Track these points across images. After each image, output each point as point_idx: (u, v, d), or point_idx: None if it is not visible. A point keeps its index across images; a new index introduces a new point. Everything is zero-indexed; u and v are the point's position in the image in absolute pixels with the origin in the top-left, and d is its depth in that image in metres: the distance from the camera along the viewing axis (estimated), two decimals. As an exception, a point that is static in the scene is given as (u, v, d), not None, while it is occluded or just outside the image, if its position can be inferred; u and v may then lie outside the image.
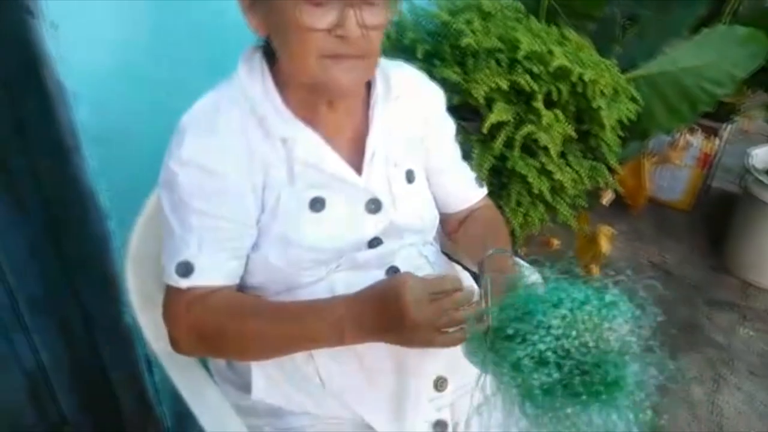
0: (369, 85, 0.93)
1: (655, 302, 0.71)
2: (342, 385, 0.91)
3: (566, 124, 1.27)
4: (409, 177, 0.97)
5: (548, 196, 1.32)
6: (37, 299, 1.17)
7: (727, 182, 2.82)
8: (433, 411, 0.92)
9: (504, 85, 1.26)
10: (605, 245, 2.01)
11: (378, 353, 0.89)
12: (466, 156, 1.13)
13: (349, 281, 0.90)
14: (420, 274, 0.89)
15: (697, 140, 2.42)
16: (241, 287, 0.93)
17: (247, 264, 0.91)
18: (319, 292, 0.89)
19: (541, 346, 0.66)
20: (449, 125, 1.06)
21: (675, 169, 2.51)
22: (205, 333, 0.87)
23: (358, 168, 0.91)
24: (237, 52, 0.92)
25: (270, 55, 0.88)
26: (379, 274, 0.93)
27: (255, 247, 0.89)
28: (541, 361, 0.66)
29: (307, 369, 0.91)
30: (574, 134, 1.29)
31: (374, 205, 0.92)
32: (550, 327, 0.66)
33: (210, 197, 0.85)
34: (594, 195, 1.54)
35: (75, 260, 1.17)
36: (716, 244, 2.44)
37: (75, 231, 1.13)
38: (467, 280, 1.04)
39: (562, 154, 1.32)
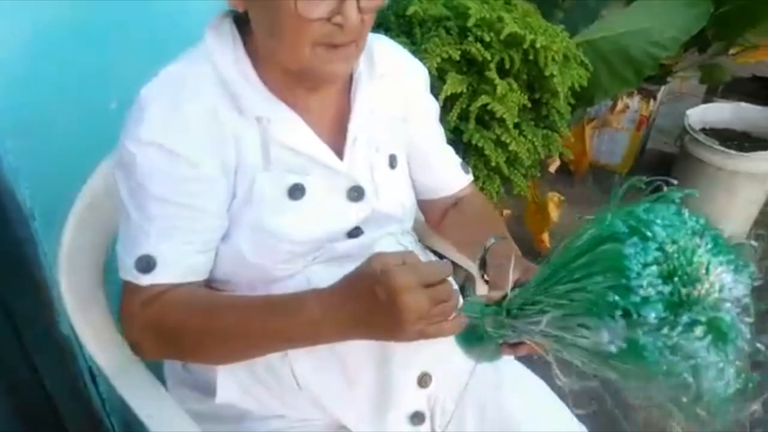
0: None
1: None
2: (319, 386, 0.85)
3: (520, 93, 1.24)
4: (392, 162, 0.91)
5: (504, 168, 1.29)
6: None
7: (662, 143, 2.89)
8: (411, 406, 0.88)
9: (455, 55, 1.20)
10: (554, 212, 2.02)
11: (360, 350, 0.83)
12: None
13: (328, 275, 0.80)
14: None
15: (635, 103, 2.46)
16: (208, 281, 0.84)
17: (215, 255, 0.82)
18: (294, 286, 0.82)
19: (649, 257, 0.53)
20: (433, 105, 0.99)
21: (614, 133, 2.55)
22: (162, 332, 0.78)
23: (339, 152, 0.84)
24: (166, 36, 0.83)
25: (241, 23, 0.79)
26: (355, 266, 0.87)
27: (225, 237, 0.81)
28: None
29: (282, 369, 0.84)
30: (528, 103, 1.26)
31: (356, 193, 0.85)
32: (662, 242, 0.54)
33: (174, 183, 0.76)
34: (542, 163, 1.52)
35: (4, 273, 1.05)
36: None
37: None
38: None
39: (516, 125, 1.29)
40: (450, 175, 1.03)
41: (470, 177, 1.06)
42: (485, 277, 0.86)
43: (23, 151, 0.95)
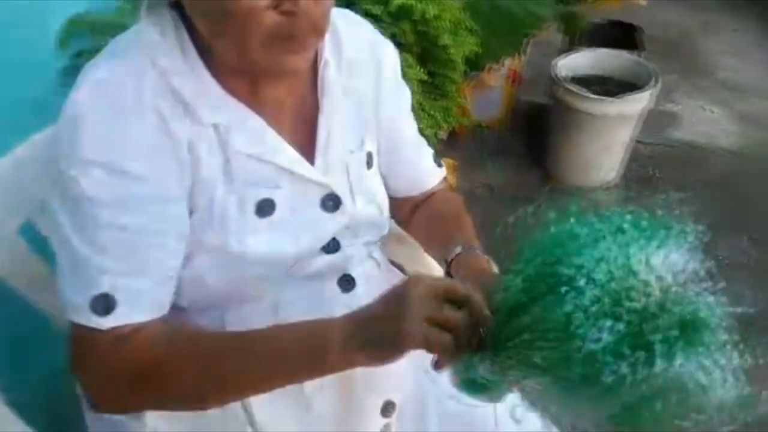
0: None
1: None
2: (272, 414, 0.77)
3: (418, 68, 1.20)
4: (369, 161, 0.82)
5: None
6: None
7: (531, 94, 3.00)
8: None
9: (347, 33, 1.13)
10: (450, 177, 2.04)
11: (326, 394, 0.77)
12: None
13: (294, 297, 0.75)
14: (370, 281, 0.81)
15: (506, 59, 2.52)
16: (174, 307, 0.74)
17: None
18: (260, 311, 0.74)
19: (587, 300, 0.49)
20: (407, 92, 0.91)
21: (490, 91, 2.60)
22: (145, 380, 0.66)
23: (309, 155, 0.75)
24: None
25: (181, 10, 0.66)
26: (329, 285, 0.79)
27: (185, 260, 0.70)
28: (592, 318, 0.50)
29: (228, 409, 0.74)
30: (426, 77, 1.22)
31: (332, 202, 0.76)
32: (591, 272, 0.50)
33: (126, 206, 0.64)
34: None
35: None
36: (538, 153, 2.60)
37: None
38: None
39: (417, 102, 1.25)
40: (425, 171, 0.96)
41: (444, 170, 0.98)
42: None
43: None
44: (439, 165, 0.97)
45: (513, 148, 2.67)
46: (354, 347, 0.62)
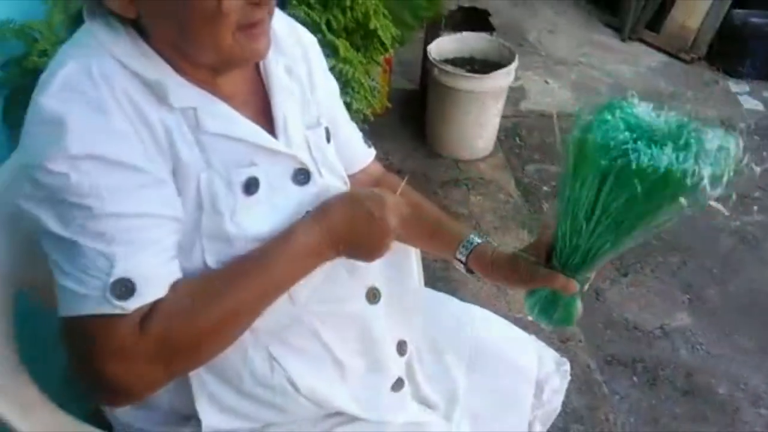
0: None
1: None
2: (316, 385, 0.83)
3: (354, 50, 1.27)
4: (327, 136, 0.87)
5: (354, 127, 1.31)
6: None
7: (398, 81, 3.18)
8: (393, 373, 0.92)
9: (289, 22, 1.17)
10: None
11: (346, 339, 0.85)
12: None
13: None
14: None
15: (378, 49, 2.65)
16: None
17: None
18: None
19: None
20: (332, 77, 0.96)
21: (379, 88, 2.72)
22: (176, 346, 0.68)
23: (270, 133, 0.78)
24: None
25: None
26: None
27: (186, 253, 0.72)
28: None
29: (273, 378, 0.80)
30: (364, 60, 1.30)
31: (303, 176, 0.81)
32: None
33: (123, 194, 0.66)
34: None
35: None
36: (420, 134, 2.78)
37: None
38: None
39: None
40: (359, 150, 1.02)
41: (373, 151, 1.05)
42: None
43: None
44: (369, 145, 1.04)
45: (397, 131, 2.82)
46: (338, 254, 0.77)
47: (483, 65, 2.57)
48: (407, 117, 2.88)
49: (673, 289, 2.23)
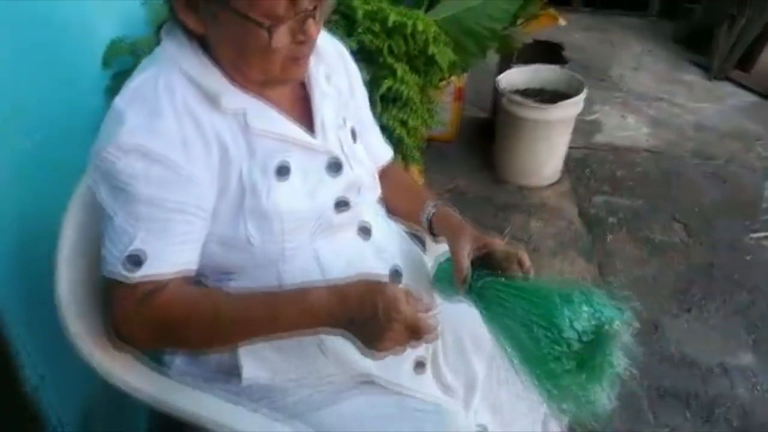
0: None
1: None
2: (342, 348, 0.94)
3: (413, 74, 1.40)
4: (354, 135, 1.00)
5: (409, 143, 1.44)
6: None
7: (471, 111, 3.29)
8: (413, 353, 1.00)
9: (353, 45, 1.33)
10: (419, 182, 2.24)
11: None
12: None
13: (330, 248, 0.93)
14: (382, 230, 0.99)
15: (453, 77, 2.78)
16: (224, 274, 0.90)
17: (227, 251, 0.88)
18: (305, 263, 0.91)
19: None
20: (360, 79, 1.10)
21: (440, 107, 2.85)
22: (168, 325, 0.82)
23: (310, 132, 0.92)
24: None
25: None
26: (352, 236, 0.97)
27: (232, 228, 0.86)
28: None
29: (304, 338, 0.91)
30: (420, 82, 1.43)
31: (335, 166, 0.94)
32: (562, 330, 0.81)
33: (157, 185, 0.80)
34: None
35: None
36: (486, 161, 2.87)
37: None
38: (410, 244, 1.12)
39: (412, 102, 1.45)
40: (381, 146, 1.16)
41: (391, 151, 1.19)
42: (433, 236, 1.05)
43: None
44: (387, 143, 1.18)
45: (465, 157, 2.93)
46: (338, 331, 0.81)
47: (553, 96, 2.64)
48: (476, 144, 2.99)
49: (737, 328, 2.17)
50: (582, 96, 2.53)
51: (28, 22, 1.00)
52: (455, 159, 2.90)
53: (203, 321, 0.83)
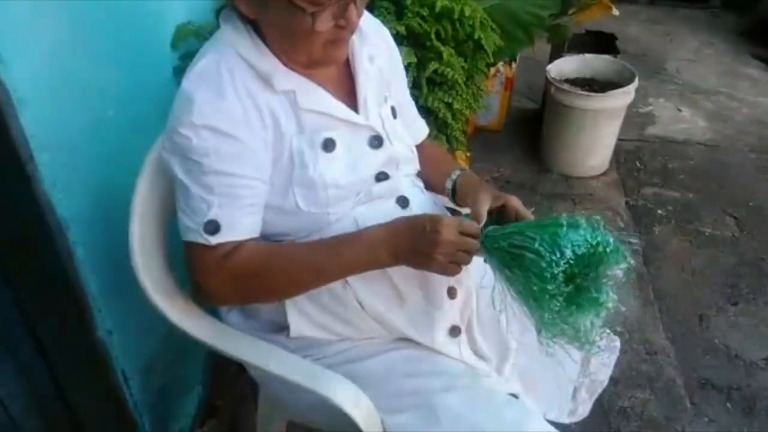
0: None
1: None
2: (378, 304, 1.02)
3: (459, 58, 1.46)
4: (394, 112, 1.07)
5: (453, 125, 1.50)
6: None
7: (520, 101, 3.31)
8: (449, 317, 1.07)
9: (402, 30, 1.39)
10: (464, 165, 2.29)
11: (404, 274, 1.01)
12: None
13: (369, 214, 1.00)
14: (418, 201, 1.05)
15: (501, 67, 2.81)
16: (275, 238, 0.99)
17: (278, 216, 0.97)
18: (346, 227, 0.98)
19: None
20: (401, 60, 1.17)
21: (488, 97, 2.89)
22: (248, 277, 0.93)
23: (353, 109, 1.00)
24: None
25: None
26: (390, 204, 1.04)
27: (282, 196, 0.95)
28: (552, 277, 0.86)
29: (346, 297, 1.00)
30: (466, 65, 1.48)
31: (377, 141, 1.02)
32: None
33: (226, 158, 0.89)
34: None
35: (29, 288, 1.06)
36: (533, 150, 2.89)
37: (28, 252, 1.02)
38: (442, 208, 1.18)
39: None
40: (420, 125, 1.24)
41: (427, 128, 1.27)
42: (456, 202, 1.12)
43: (58, 163, 0.98)
44: (424, 125, 1.25)
45: (512, 146, 2.96)
46: (396, 263, 0.94)
47: (603, 86, 2.63)
48: (524, 134, 3.01)
49: (786, 323, 2.14)
50: (633, 86, 2.52)
51: (106, 9, 1.10)
52: (502, 148, 2.93)
53: (279, 270, 0.94)
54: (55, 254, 1.01)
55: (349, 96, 1.02)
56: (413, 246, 0.91)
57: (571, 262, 0.86)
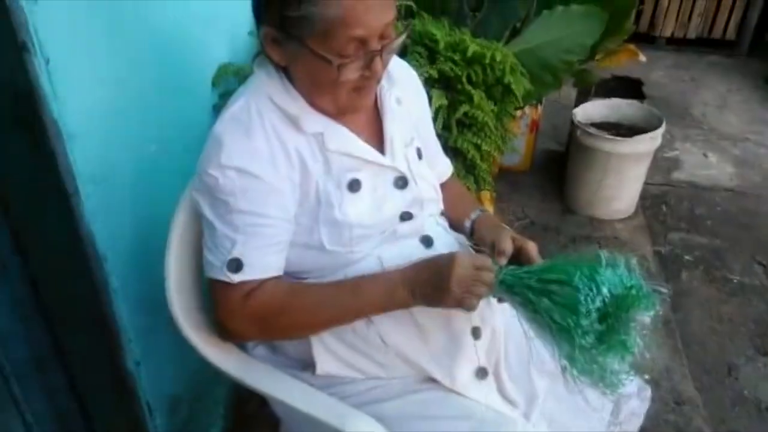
0: None
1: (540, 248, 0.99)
2: (402, 343, 1.02)
3: (489, 101, 1.48)
4: (419, 154, 1.09)
5: (481, 166, 1.52)
6: (24, 366, 1.06)
7: (546, 143, 3.33)
8: (474, 358, 1.06)
9: (434, 73, 1.42)
10: (489, 208, 2.30)
11: (428, 313, 1.01)
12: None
13: (393, 253, 1.01)
14: (442, 240, 1.04)
15: (527, 109, 2.83)
16: (300, 275, 1.01)
17: (303, 254, 0.98)
18: (370, 266, 0.99)
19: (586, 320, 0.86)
20: (427, 102, 1.20)
21: (515, 138, 2.91)
22: (269, 316, 0.95)
23: (380, 150, 1.02)
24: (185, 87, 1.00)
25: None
26: (415, 243, 1.05)
27: (308, 235, 0.97)
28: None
29: (369, 334, 1.00)
30: (495, 109, 1.51)
31: (401, 182, 1.03)
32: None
33: (252, 198, 0.92)
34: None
35: (63, 315, 1.08)
36: (558, 192, 2.89)
37: (64, 281, 1.04)
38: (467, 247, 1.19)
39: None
40: (444, 163, 1.26)
41: (451, 167, 1.28)
42: (474, 242, 1.11)
43: (99, 196, 1.01)
44: (449, 165, 1.27)
45: (536, 187, 2.96)
46: (413, 301, 0.93)
47: (630, 131, 2.64)
48: (549, 176, 3.02)
49: (817, 376, 2.08)
50: (659, 131, 2.53)
51: (154, 47, 1.15)
52: (527, 189, 2.94)
53: (300, 309, 0.96)
54: (91, 284, 1.04)
55: (376, 137, 1.04)
56: (428, 281, 0.92)
57: (606, 300, 0.86)
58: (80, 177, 0.96)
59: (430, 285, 0.92)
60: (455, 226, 1.18)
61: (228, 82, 1.38)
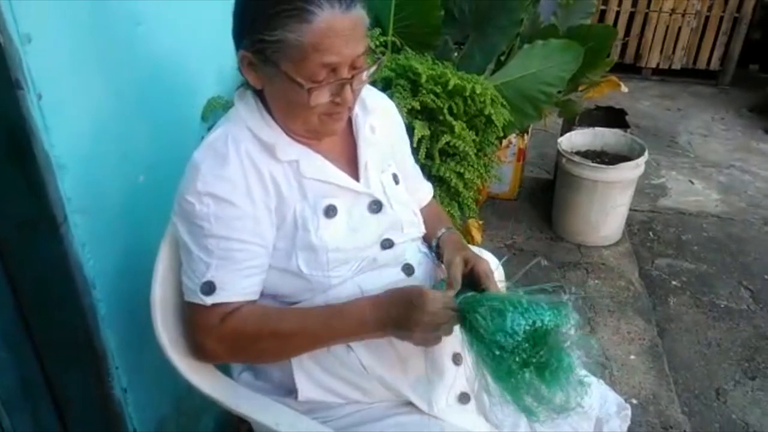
0: None
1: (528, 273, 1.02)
2: (382, 369, 1.04)
3: (470, 132, 1.53)
4: (396, 179, 1.13)
5: (464, 194, 1.56)
6: (12, 392, 1.07)
7: (533, 171, 3.39)
8: (456, 384, 1.08)
9: (417, 105, 1.48)
10: (477, 235, 2.34)
11: (409, 346, 1.02)
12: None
13: (373, 281, 1.04)
14: (423, 268, 1.07)
15: (514, 138, 2.90)
16: (280, 299, 1.03)
17: (282, 278, 1.01)
18: (349, 292, 1.02)
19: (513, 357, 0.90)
20: (405, 132, 1.25)
21: (501, 167, 2.96)
22: (242, 340, 0.98)
23: (354, 176, 1.06)
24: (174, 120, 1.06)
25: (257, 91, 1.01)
26: (396, 271, 1.08)
27: (285, 260, 1.00)
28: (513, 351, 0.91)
29: (349, 359, 1.03)
30: (477, 138, 1.56)
31: (376, 206, 1.07)
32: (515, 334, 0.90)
33: (226, 224, 0.95)
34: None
35: (51, 342, 1.10)
36: (546, 219, 2.94)
37: (53, 308, 1.06)
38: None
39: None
40: (425, 189, 1.30)
41: (431, 191, 1.32)
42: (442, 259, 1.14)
43: (88, 225, 1.04)
44: (426, 181, 1.31)
45: (525, 214, 3.01)
46: (385, 333, 0.97)
47: (613, 159, 2.70)
48: (537, 203, 3.07)
49: (805, 400, 2.09)
50: (642, 159, 2.58)
51: (144, 82, 1.20)
52: (516, 216, 2.98)
53: (272, 334, 0.98)
54: (80, 311, 1.06)
55: (352, 164, 1.08)
56: (396, 319, 0.94)
57: (520, 347, 0.90)
58: (69, 206, 0.99)
59: (396, 324, 0.95)
60: (428, 243, 1.22)
61: (217, 115, 1.42)
